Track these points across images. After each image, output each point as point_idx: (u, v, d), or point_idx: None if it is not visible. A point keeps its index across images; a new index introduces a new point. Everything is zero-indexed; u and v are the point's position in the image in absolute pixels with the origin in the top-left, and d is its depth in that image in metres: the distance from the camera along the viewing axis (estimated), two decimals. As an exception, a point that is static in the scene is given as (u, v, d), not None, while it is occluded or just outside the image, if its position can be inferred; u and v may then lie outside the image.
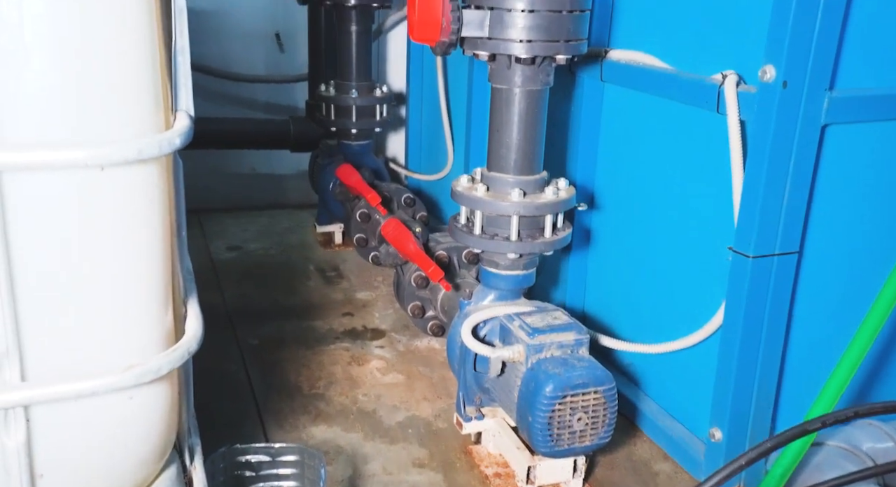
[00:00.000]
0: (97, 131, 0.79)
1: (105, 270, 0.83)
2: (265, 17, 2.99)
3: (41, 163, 0.75)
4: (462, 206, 1.63)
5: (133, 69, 0.81)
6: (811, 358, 1.53)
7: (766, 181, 1.33)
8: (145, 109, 0.83)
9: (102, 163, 0.78)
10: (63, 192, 0.78)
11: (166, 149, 0.84)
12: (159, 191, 0.87)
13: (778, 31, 1.26)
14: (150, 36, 0.83)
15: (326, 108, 2.64)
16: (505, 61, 1.50)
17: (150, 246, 0.87)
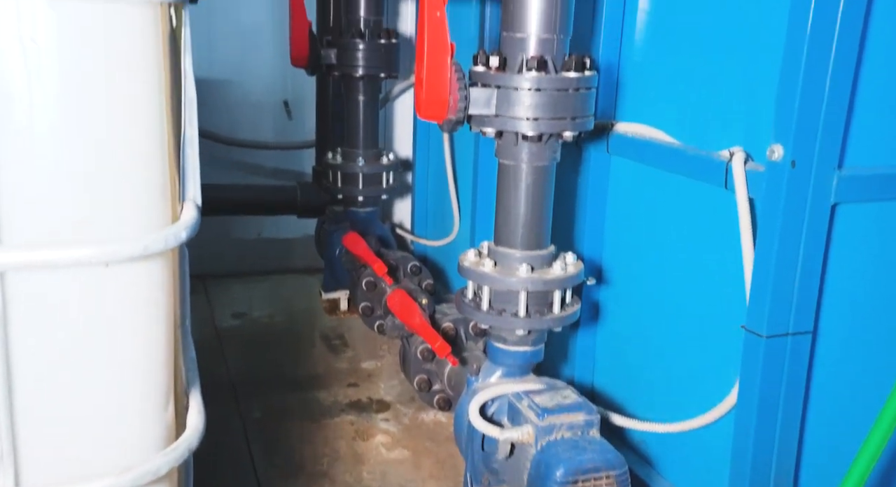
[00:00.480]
0: (103, 227, 0.79)
1: (105, 369, 0.81)
2: (274, 85, 3.03)
3: (45, 263, 0.74)
4: (469, 281, 1.62)
5: (141, 164, 0.81)
6: (830, 438, 1.49)
7: (777, 260, 1.31)
8: (152, 203, 0.83)
9: (107, 260, 0.77)
10: (66, 290, 0.77)
11: (172, 244, 0.83)
12: (164, 285, 0.86)
13: (785, 111, 1.27)
14: (160, 129, 0.83)
15: (333, 176, 2.65)
16: (512, 138, 1.51)
17: (152, 342, 0.85)
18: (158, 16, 0.80)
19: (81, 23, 0.73)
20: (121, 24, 0.76)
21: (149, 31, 0.79)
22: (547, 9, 1.43)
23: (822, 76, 1.24)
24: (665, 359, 1.69)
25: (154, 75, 0.81)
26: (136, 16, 0.77)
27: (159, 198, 0.84)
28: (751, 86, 1.42)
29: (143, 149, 0.81)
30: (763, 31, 1.38)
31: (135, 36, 0.77)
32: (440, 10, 1.42)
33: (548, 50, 1.45)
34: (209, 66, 2.88)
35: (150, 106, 0.81)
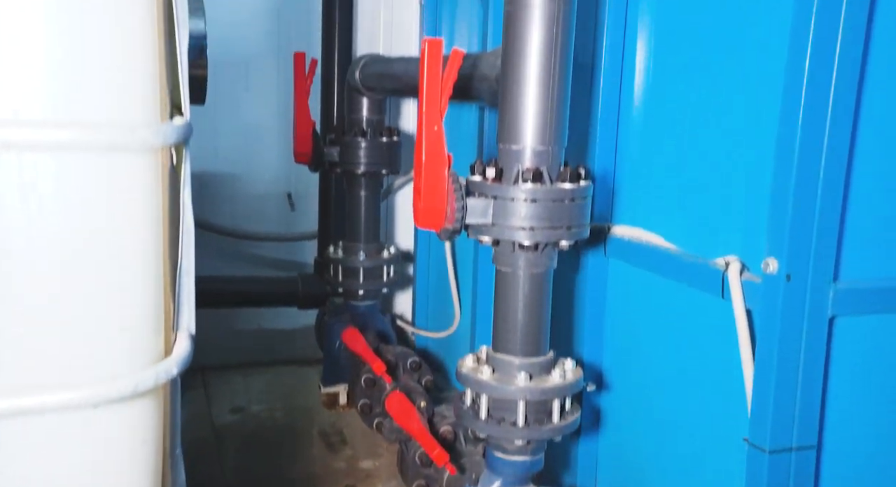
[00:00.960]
0: (93, 367, 0.78)
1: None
2: (278, 178, 3.08)
3: (32, 408, 0.74)
4: (467, 388, 1.60)
5: (135, 301, 0.81)
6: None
7: (777, 373, 1.30)
8: (145, 340, 0.83)
9: (96, 402, 0.77)
10: (54, 434, 0.76)
11: (163, 380, 0.83)
12: (154, 421, 0.85)
13: (777, 226, 1.28)
14: (156, 265, 0.84)
15: (334, 270, 2.66)
16: (509, 247, 1.52)
17: (142, 479, 0.84)
18: (159, 159, 0.82)
19: (83, 172, 0.75)
20: (122, 170, 0.78)
21: (149, 174, 0.81)
22: (542, 122, 1.47)
23: (812, 191, 1.26)
24: (668, 469, 1.65)
25: (152, 214, 0.83)
26: (137, 162, 0.79)
27: (152, 333, 0.84)
28: (745, 195, 1.44)
29: (138, 287, 0.82)
30: (756, 141, 1.40)
31: (135, 180, 0.79)
32: (437, 125, 1.46)
33: (543, 161, 1.48)
34: (214, 160, 2.94)
35: (146, 244, 0.82)
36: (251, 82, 2.97)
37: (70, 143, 0.73)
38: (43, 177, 0.74)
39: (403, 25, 2.97)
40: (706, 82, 1.54)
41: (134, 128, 0.77)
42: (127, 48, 0.77)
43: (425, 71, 1.42)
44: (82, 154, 0.75)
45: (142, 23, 0.77)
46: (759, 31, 1.40)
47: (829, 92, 1.23)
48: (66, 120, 0.74)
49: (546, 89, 1.46)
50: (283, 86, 2.93)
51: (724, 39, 1.49)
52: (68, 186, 0.76)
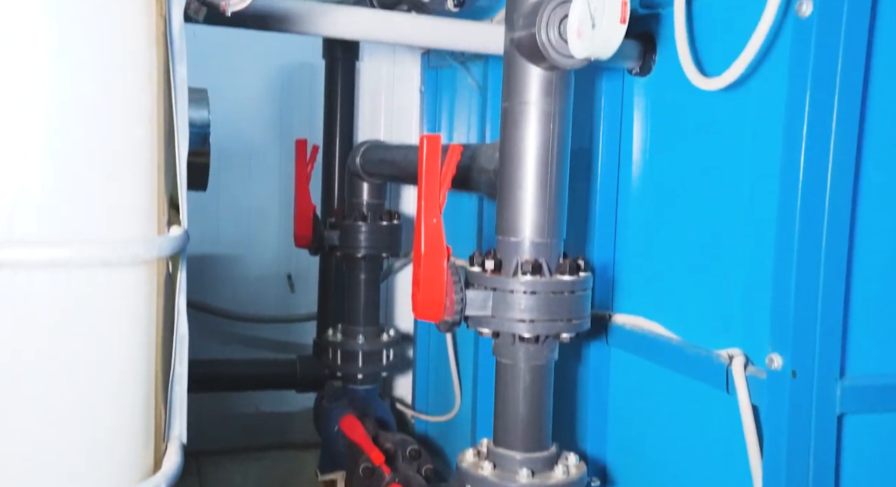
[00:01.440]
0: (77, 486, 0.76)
1: None
2: (278, 259, 3.09)
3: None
4: (466, 485, 1.55)
5: (124, 415, 0.80)
6: None
7: (787, 473, 1.26)
8: (133, 456, 0.81)
9: (79, 523, 0.74)
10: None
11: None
12: (140, 541, 0.82)
13: (780, 322, 1.27)
14: (147, 376, 0.83)
15: (333, 353, 2.63)
16: (509, 338, 1.50)
17: None
18: (154, 271, 0.82)
19: (75, 288, 0.75)
20: (115, 284, 0.77)
21: (142, 287, 0.80)
22: (540, 215, 1.47)
23: (814, 286, 1.25)
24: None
25: (145, 325, 0.82)
26: (131, 275, 0.78)
27: (141, 448, 0.82)
28: (746, 285, 1.43)
29: (128, 400, 0.80)
30: (755, 232, 1.40)
31: (128, 293, 0.79)
32: (436, 217, 1.46)
33: (542, 253, 1.48)
34: (216, 243, 2.95)
35: (140, 355, 0.81)
36: (253, 167, 3.01)
37: (64, 261, 0.73)
38: (35, 294, 0.73)
39: (403, 111, 3.03)
40: (702, 171, 1.56)
41: (128, 243, 0.77)
42: (123, 165, 0.77)
43: (424, 166, 1.44)
44: (76, 270, 0.74)
45: (140, 140, 0.78)
46: (753, 123, 1.42)
47: (826, 183, 1.24)
48: (60, 237, 0.74)
49: (544, 183, 1.47)
50: (284, 170, 2.97)
51: (719, 131, 1.51)
52: (60, 302, 0.75)
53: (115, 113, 0.77)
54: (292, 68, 3.06)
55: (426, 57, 2.88)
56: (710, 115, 1.54)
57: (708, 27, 1.53)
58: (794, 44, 1.25)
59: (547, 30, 1.36)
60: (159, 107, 0.84)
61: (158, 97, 0.83)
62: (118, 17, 0.79)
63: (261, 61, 2.98)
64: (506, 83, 1.49)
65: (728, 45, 1.47)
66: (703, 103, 1.55)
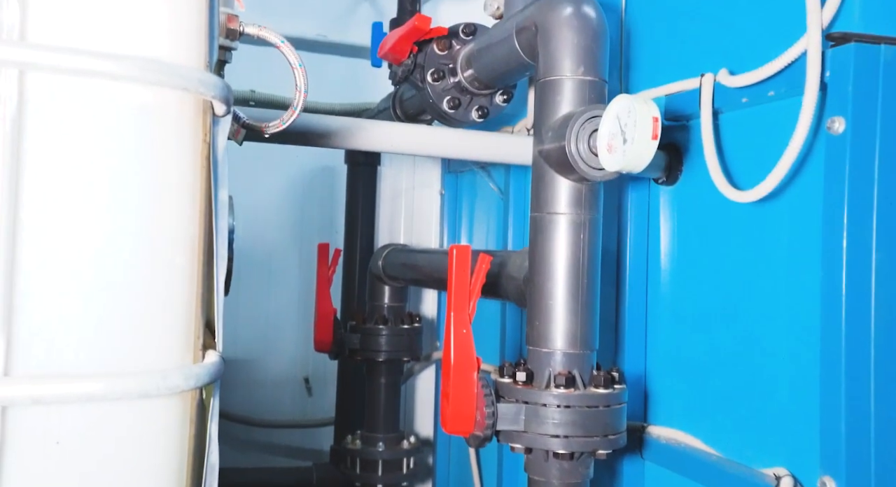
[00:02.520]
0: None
1: None
2: (295, 361, 3.05)
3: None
4: None
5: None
6: None
7: None
8: None
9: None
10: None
11: None
12: None
13: (831, 443, 1.21)
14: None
15: (352, 461, 2.55)
16: (542, 455, 1.44)
17: None
18: (188, 400, 0.79)
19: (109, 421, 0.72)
20: (150, 415, 0.75)
21: (177, 416, 0.77)
22: (571, 326, 1.45)
23: (865, 404, 1.20)
24: None
25: (177, 455, 0.79)
26: (166, 406, 0.76)
27: None
28: (791, 400, 1.38)
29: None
30: (798, 342, 1.36)
31: (162, 424, 0.76)
32: (466, 328, 1.44)
33: (575, 364, 1.44)
34: (233, 347, 2.91)
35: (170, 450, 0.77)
36: (273, 270, 3.02)
37: (100, 395, 0.71)
38: (68, 429, 0.71)
39: (423, 214, 3.05)
40: (736, 282, 1.53)
41: (166, 374, 0.74)
42: (163, 295, 0.76)
43: (453, 276, 1.42)
44: (111, 404, 0.72)
45: (181, 269, 0.77)
46: (788, 235, 1.41)
47: (871, 296, 1.21)
48: (98, 370, 0.71)
49: (575, 294, 1.45)
50: (303, 273, 2.98)
51: (751, 242, 1.50)
52: (93, 437, 0.72)
53: (158, 243, 0.76)
54: (314, 172, 3.11)
55: (446, 161, 2.93)
56: (740, 226, 1.53)
57: (735, 140, 1.54)
58: (829, 160, 1.25)
59: (577, 143, 1.38)
60: (200, 233, 0.83)
61: (200, 223, 0.82)
62: (164, 145, 0.79)
63: (282, 165, 3.03)
64: (534, 193, 1.49)
65: (756, 157, 1.48)
66: (731, 214, 1.54)
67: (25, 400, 0.67)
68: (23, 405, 0.68)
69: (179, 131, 0.81)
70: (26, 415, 0.69)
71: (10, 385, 0.67)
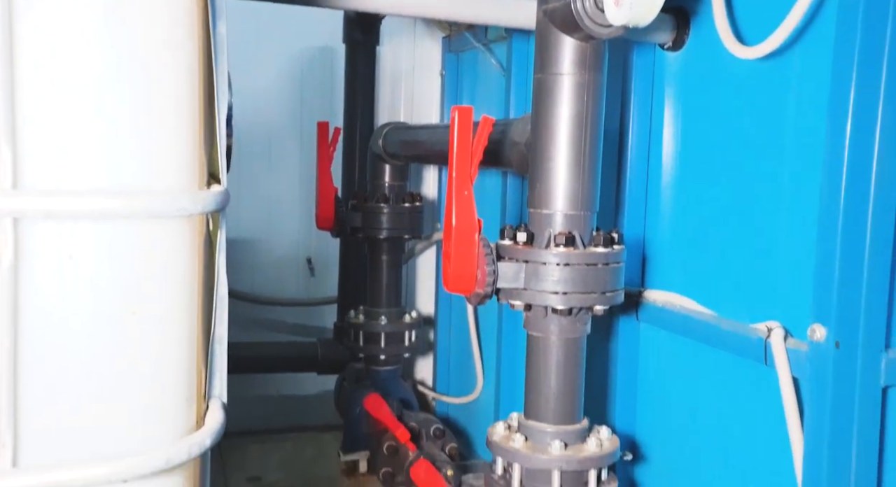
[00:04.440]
0: (124, 439, 0.75)
1: None
2: (298, 243, 3.08)
3: (63, 483, 0.70)
4: (497, 457, 1.54)
5: (168, 374, 0.79)
6: None
7: (829, 446, 1.24)
8: (177, 412, 0.80)
9: (126, 476, 0.73)
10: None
11: (196, 453, 0.79)
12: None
13: (824, 291, 1.24)
14: (190, 336, 0.82)
15: (355, 335, 2.62)
16: (541, 311, 1.48)
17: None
18: (196, 225, 0.80)
19: (120, 240, 0.73)
20: (159, 237, 0.76)
21: (186, 241, 0.79)
22: (573, 187, 1.45)
23: (860, 253, 1.23)
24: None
25: (187, 281, 0.81)
26: (175, 229, 0.77)
27: (184, 404, 0.81)
28: (786, 257, 1.40)
29: (170, 358, 0.79)
30: (797, 201, 1.38)
31: (172, 247, 0.78)
32: (468, 190, 1.44)
33: (575, 226, 1.46)
34: (236, 226, 2.94)
35: (181, 313, 0.80)
36: (273, 151, 3.01)
37: (111, 212, 0.72)
38: (81, 245, 0.72)
39: (424, 95, 3.01)
40: (739, 143, 1.53)
41: (174, 196, 0.76)
42: (169, 119, 0.76)
43: (455, 137, 1.42)
44: (122, 222, 0.73)
45: (185, 95, 0.77)
46: (796, 93, 1.39)
47: (874, 152, 1.21)
48: (108, 189, 0.72)
49: (577, 154, 1.45)
50: (304, 154, 2.97)
51: (757, 103, 1.49)
52: (105, 255, 0.74)
53: (160, 66, 0.76)
54: (312, 53, 3.04)
55: (447, 40, 2.86)
56: (746, 88, 1.51)
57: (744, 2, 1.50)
58: (841, 13, 1.22)
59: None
60: (200, 64, 0.82)
61: (199, 54, 0.82)
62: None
63: (280, 46, 2.97)
64: (538, 55, 1.46)
65: (765, 15, 1.44)
66: (738, 76, 1.52)
67: (37, 214, 0.69)
68: (34, 218, 0.69)
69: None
70: (39, 229, 0.70)
71: (20, 196, 0.68)
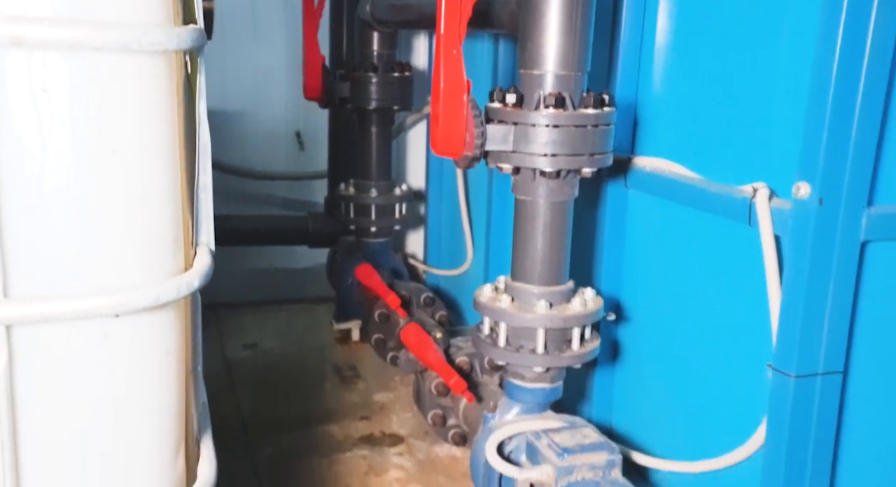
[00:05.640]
0: (113, 277, 0.76)
1: (113, 420, 0.78)
2: (287, 116, 3.03)
3: (52, 315, 0.72)
4: (485, 317, 1.58)
5: (154, 213, 0.79)
6: (862, 478, 1.44)
7: (805, 300, 1.28)
8: (165, 252, 0.80)
9: (117, 311, 0.75)
10: (73, 342, 0.75)
11: (185, 293, 0.80)
12: (176, 335, 0.83)
13: (811, 148, 1.24)
14: (173, 177, 0.81)
15: (346, 207, 2.63)
16: (529, 174, 1.49)
17: (162, 393, 0.82)
18: (173, 64, 0.78)
19: (95, 73, 0.71)
20: (135, 73, 0.74)
21: (163, 79, 0.77)
22: (564, 46, 1.42)
23: (849, 111, 1.22)
24: (687, 398, 1.64)
25: (168, 123, 0.80)
26: (150, 65, 0.75)
27: (171, 245, 0.81)
28: (774, 121, 1.39)
29: (155, 197, 0.79)
30: (787, 65, 1.35)
31: (148, 85, 0.76)
32: (456, 49, 1.41)
33: (565, 87, 1.44)
34: (223, 99, 2.88)
35: (163, 154, 0.79)
36: (258, 19, 2.90)
37: (80, 42, 0.70)
38: (54, 77, 0.71)
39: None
40: (734, 6, 1.48)
41: (147, 29, 0.73)
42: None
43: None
44: (93, 54, 0.71)
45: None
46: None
47: (872, 5, 1.17)
48: (76, 18, 0.70)
49: (570, 12, 1.40)
50: (291, 24, 2.86)
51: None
52: (80, 89, 0.72)
53: None
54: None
55: None
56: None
57: None
58: None
59: None
60: None
61: None
62: None
63: None
64: None
65: None
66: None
67: (4, 41, 0.66)
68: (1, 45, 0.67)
69: None
70: (10, 60, 0.68)
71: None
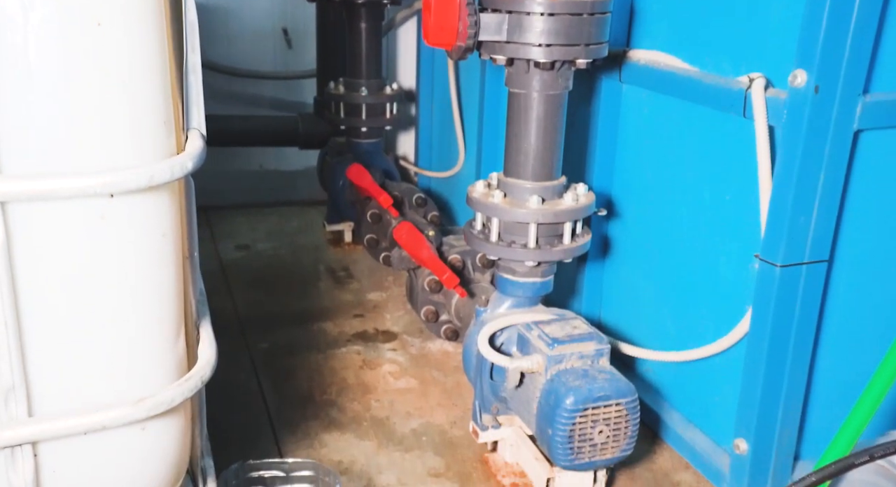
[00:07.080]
0: (107, 158, 0.76)
1: (114, 300, 0.79)
2: (273, 12, 2.94)
3: (47, 193, 0.71)
4: (478, 213, 1.59)
5: (143, 93, 0.77)
6: (841, 369, 1.49)
7: (795, 189, 1.28)
8: (157, 133, 0.79)
9: (112, 191, 0.74)
10: (70, 222, 0.75)
11: (178, 174, 0.80)
12: (171, 216, 0.83)
13: (810, 35, 1.21)
14: (161, 56, 0.79)
15: (336, 107, 2.59)
16: (523, 66, 1.46)
17: (161, 274, 0.83)
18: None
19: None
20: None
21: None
22: (561, -74, 1.36)
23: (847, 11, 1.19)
24: (675, 291, 1.68)
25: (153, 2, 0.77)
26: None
27: (163, 127, 0.80)
28: (770, 10, 1.36)
29: (144, 77, 0.77)
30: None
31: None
32: (449, -72, 1.35)
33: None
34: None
35: (150, 32, 0.77)
36: None
37: None
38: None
39: None
40: None
41: None
42: None
43: None
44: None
45: None
46: None
47: None
48: None
49: None
50: None
51: None
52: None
53: None
54: None
55: None
56: None
57: None
58: None
59: None
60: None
61: None
62: None
63: None
64: None
65: None
66: None
67: None
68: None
69: None
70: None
71: None
